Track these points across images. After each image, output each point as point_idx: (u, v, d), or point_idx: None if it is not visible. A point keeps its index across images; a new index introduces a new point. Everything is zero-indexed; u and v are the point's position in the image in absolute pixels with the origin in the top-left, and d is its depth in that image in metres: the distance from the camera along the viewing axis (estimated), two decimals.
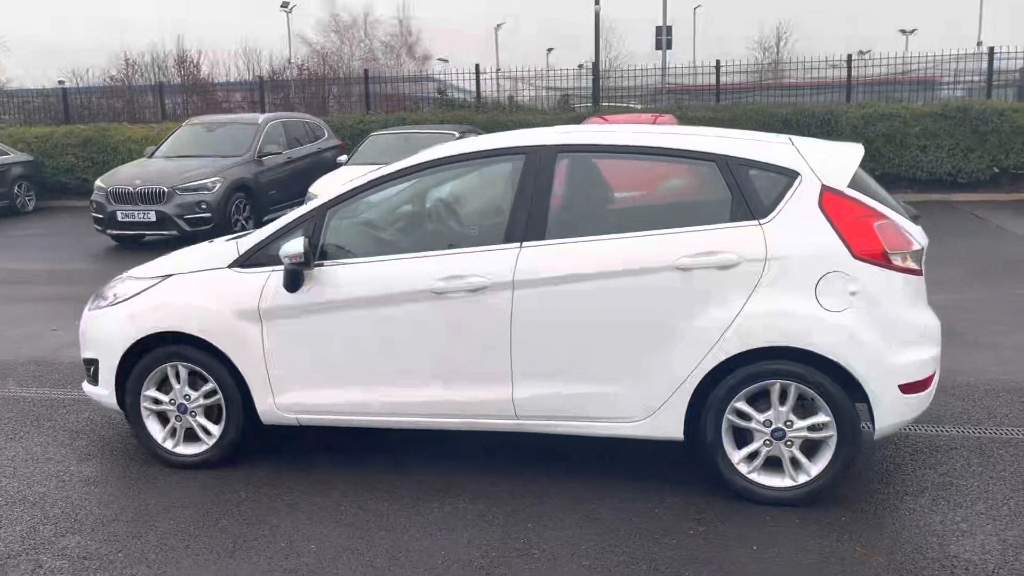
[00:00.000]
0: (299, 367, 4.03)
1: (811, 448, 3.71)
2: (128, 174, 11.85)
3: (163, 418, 4.25)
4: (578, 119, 13.73)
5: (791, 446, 3.69)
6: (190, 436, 4.23)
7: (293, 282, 3.95)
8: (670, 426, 3.75)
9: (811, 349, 3.57)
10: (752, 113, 15.12)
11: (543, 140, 3.97)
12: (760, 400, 3.69)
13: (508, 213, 3.88)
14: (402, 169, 4.07)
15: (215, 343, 4.06)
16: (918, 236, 3.79)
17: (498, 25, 56.37)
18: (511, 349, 3.80)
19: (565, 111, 16.45)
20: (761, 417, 3.68)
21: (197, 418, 4.20)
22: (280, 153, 12.80)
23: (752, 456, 3.73)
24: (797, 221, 3.64)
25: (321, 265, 3.97)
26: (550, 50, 48.37)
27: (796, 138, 4.05)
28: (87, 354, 4.37)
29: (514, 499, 3.81)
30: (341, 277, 3.95)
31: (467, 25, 63.43)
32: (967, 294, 7.60)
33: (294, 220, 4.08)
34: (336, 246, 4.04)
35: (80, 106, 19.90)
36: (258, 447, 4.31)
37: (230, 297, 4.06)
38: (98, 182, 11.79)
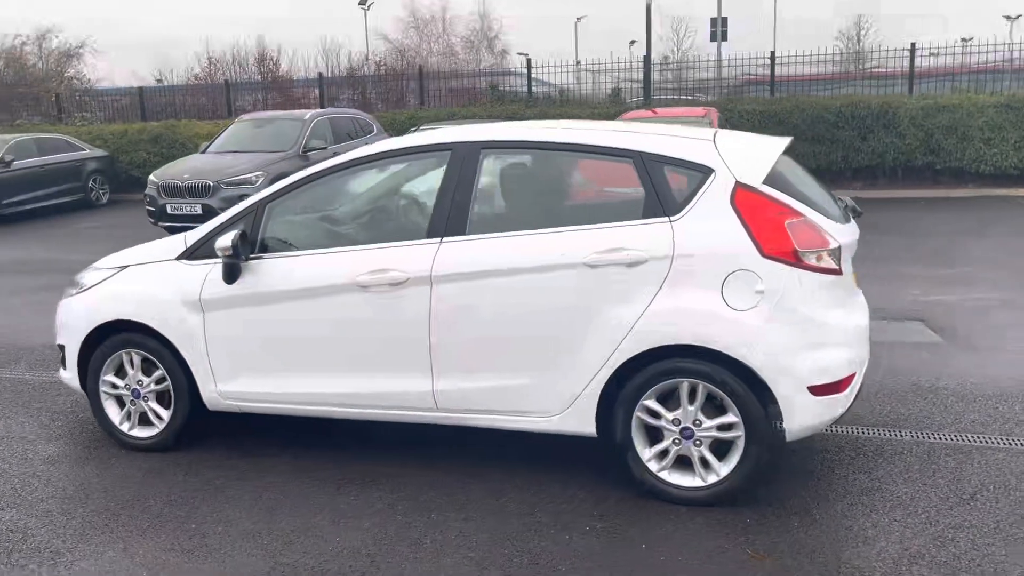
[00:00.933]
0: (237, 356, 4.20)
1: (722, 448, 3.66)
2: (178, 169, 12.39)
3: (120, 402, 4.49)
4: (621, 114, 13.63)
5: (700, 446, 3.65)
6: (144, 420, 4.46)
7: (230, 274, 4.12)
8: (583, 422, 3.76)
9: (715, 348, 3.53)
10: (806, 106, 14.69)
11: (468, 137, 4.02)
12: (671, 398, 3.67)
13: (432, 209, 3.96)
14: (336, 165, 4.19)
15: (163, 332, 4.27)
16: (840, 234, 3.68)
17: (579, 18, 56.27)
18: (431, 343, 3.88)
19: (616, 104, 16.33)
20: (670, 416, 3.65)
21: (149, 403, 4.42)
22: (325, 148, 13.11)
23: (662, 455, 3.71)
24: (707, 218, 3.59)
25: (259, 258, 4.12)
26: (632, 43, 47.93)
27: (723, 132, 4.00)
28: (58, 340, 4.65)
29: (431, 490, 3.88)
30: (273, 270, 4.10)
31: (549, 19, 63.38)
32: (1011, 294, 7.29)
33: (236, 214, 4.24)
34: (274, 240, 4.18)
35: (161, 104, 20.77)
36: (221, 432, 4.52)
37: (176, 288, 4.25)
38: (152, 176, 12.37)
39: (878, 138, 14.28)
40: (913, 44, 15.72)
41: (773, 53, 16.19)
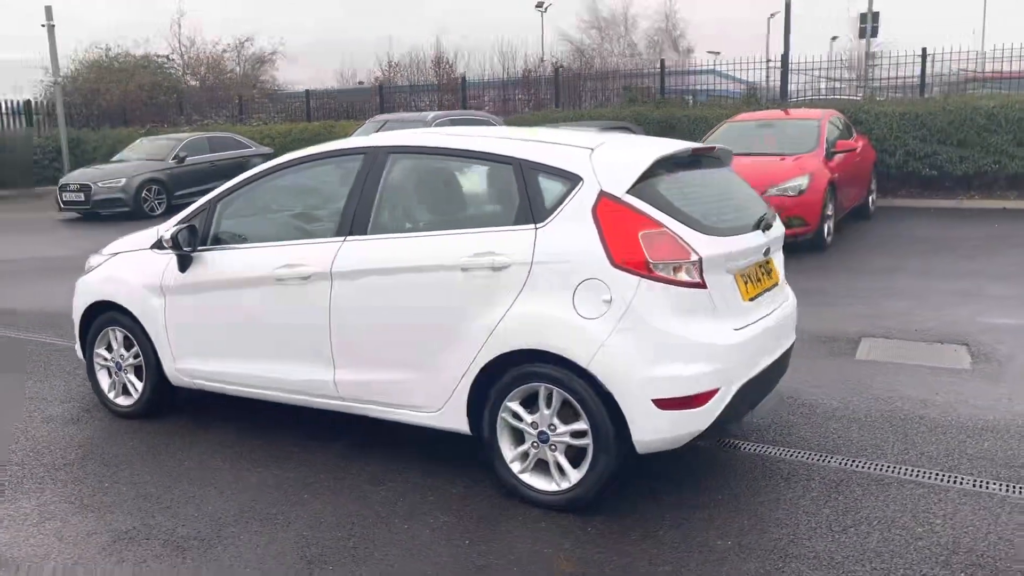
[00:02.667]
0: (187, 338, 4.67)
1: (579, 455, 3.67)
2: None
3: (109, 373, 5.10)
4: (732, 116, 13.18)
5: (555, 450, 3.68)
6: (125, 390, 5.04)
7: (181, 264, 4.60)
8: (457, 420, 3.89)
9: (563, 355, 3.56)
10: (953, 108, 13.53)
11: (379, 142, 4.26)
12: (534, 402, 3.72)
13: (342, 209, 4.23)
14: (274, 166, 4.56)
15: (135, 312, 4.83)
16: (711, 245, 3.58)
17: (771, 15, 54.14)
18: (331, 334, 4.15)
19: (751, 105, 15.79)
20: (529, 419, 3.71)
21: (128, 375, 5.00)
22: None
23: (524, 456, 3.77)
24: (568, 226, 3.62)
25: (206, 250, 4.57)
26: (834, 38, 45.63)
27: (619, 140, 3.99)
28: (73, 315, 5.35)
29: (315, 468, 4.16)
30: (214, 262, 4.53)
31: (740, 17, 61.39)
32: None
33: (195, 209, 4.71)
34: (221, 234, 4.61)
35: (327, 106, 22.35)
36: (200, 406, 5.05)
37: (146, 274, 4.79)
38: None
39: None
40: None
41: (924, 50, 15.01)
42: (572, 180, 3.69)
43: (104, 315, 5.02)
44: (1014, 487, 3.83)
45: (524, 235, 3.69)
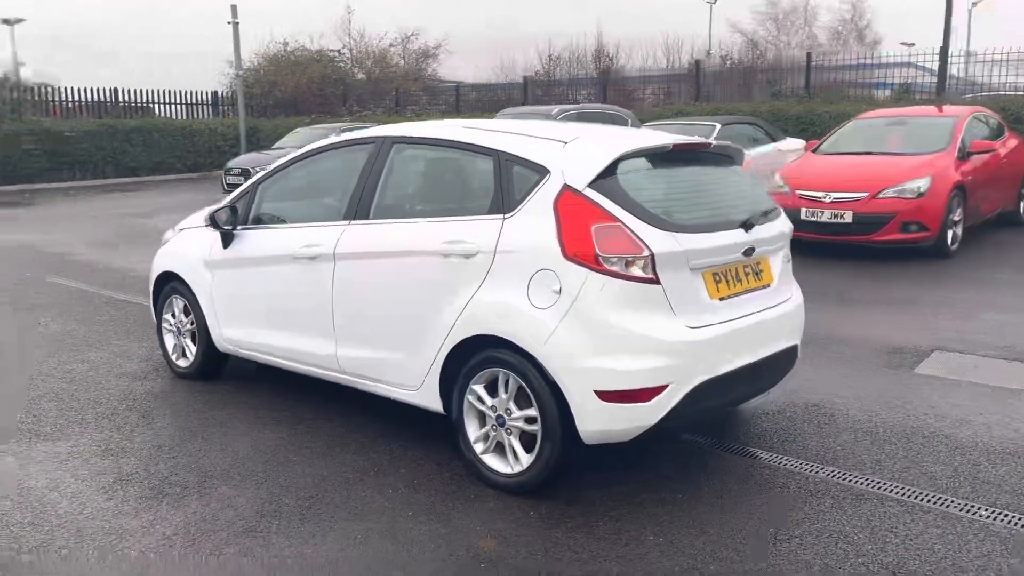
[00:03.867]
0: (227, 308, 5.12)
1: (532, 440, 3.75)
2: None
3: (173, 336, 5.66)
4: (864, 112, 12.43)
5: (511, 434, 3.79)
6: (183, 353, 5.59)
7: (225, 241, 5.05)
8: (432, 398, 4.08)
9: (516, 342, 3.66)
10: None
11: (386, 132, 4.50)
12: (496, 386, 3.85)
13: (351, 194, 4.51)
14: (301, 155, 4.91)
15: (189, 283, 5.34)
16: (668, 242, 3.56)
17: (973, 4, 50.03)
18: (333, 311, 4.45)
19: (901, 100, 14.83)
20: (490, 402, 3.84)
21: (186, 339, 5.53)
22: None
23: (486, 438, 3.90)
24: (532, 217, 3.71)
25: (245, 229, 4.99)
26: None
27: (596, 131, 4.02)
28: (149, 284, 5.97)
29: (342, 434, 4.47)
30: (250, 240, 4.94)
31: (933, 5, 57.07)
32: None
33: (241, 191, 5.15)
34: (260, 214, 5.02)
35: (472, 98, 22.97)
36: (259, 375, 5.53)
37: (199, 249, 5.29)
38: None
39: None
40: None
41: None
42: (541, 172, 3.77)
43: (169, 284, 5.57)
44: (1007, 515, 3.56)
45: (493, 224, 3.81)
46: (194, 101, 25.84)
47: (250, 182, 5.12)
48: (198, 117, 25.64)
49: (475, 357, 3.85)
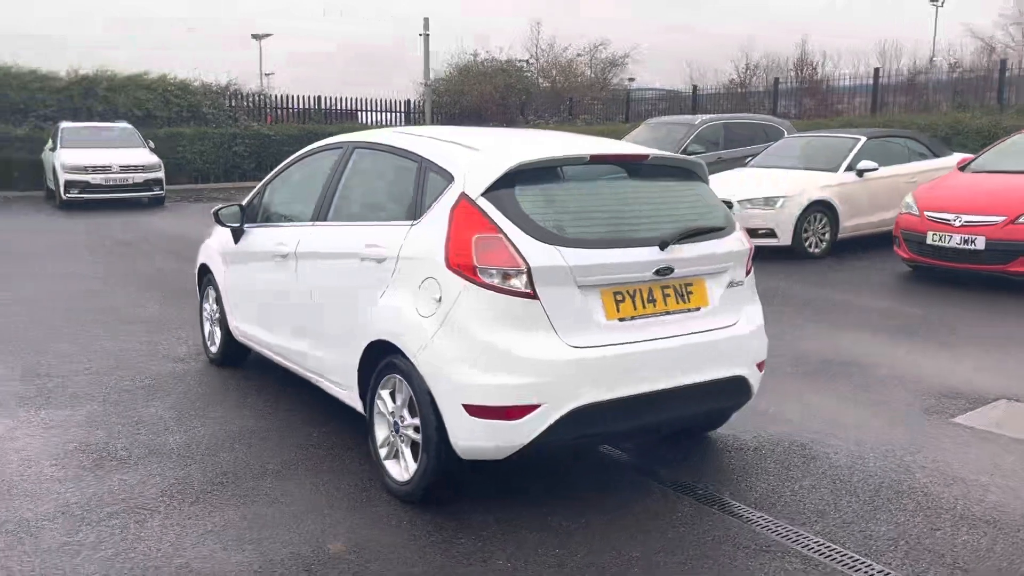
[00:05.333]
0: (235, 301, 5.47)
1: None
2: None
3: (208, 324, 6.11)
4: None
5: (403, 442, 3.77)
6: (214, 339, 6.01)
7: (234, 237, 5.39)
8: (356, 399, 4.15)
9: (401, 348, 3.65)
10: None
11: (351, 138, 4.63)
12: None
13: (318, 196, 4.67)
14: (296, 157, 5.15)
15: (214, 275, 5.75)
16: (555, 258, 3.40)
17: None
18: (296, 309, 4.63)
19: None
20: (390, 407, 3.85)
21: (215, 327, 5.95)
22: (704, 152, 13.32)
23: (388, 443, 3.90)
24: (431, 224, 3.68)
25: (250, 227, 5.30)
26: None
27: (517, 139, 3.91)
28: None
29: (322, 421, 4.66)
30: (250, 237, 5.24)
31: None
32: None
33: (255, 190, 5.46)
34: (263, 212, 5.31)
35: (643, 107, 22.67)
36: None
37: (221, 243, 5.68)
38: None
39: None
40: None
41: None
42: (448, 180, 3.73)
43: (206, 276, 6.02)
44: None
45: (401, 230, 3.82)
46: (390, 109, 27.43)
47: (263, 181, 5.43)
48: (392, 124, 27.15)
49: (382, 361, 3.86)
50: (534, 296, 3.40)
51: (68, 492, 3.82)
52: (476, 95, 26.99)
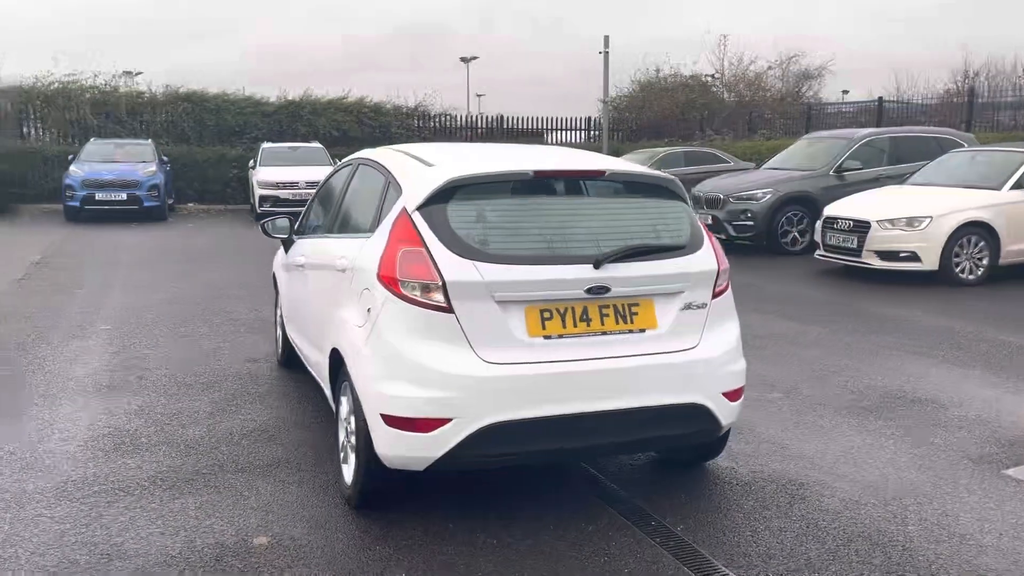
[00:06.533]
0: (284, 306, 5.85)
1: None
2: (712, 183, 13.52)
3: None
4: None
5: (351, 448, 3.88)
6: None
7: (285, 247, 5.78)
8: (332, 404, 4.33)
9: (343, 356, 3.78)
10: None
11: (361, 155, 4.82)
12: None
13: (331, 209, 4.92)
14: (332, 171, 5.43)
15: (278, 282, 6.19)
16: (471, 273, 3.40)
17: None
18: (306, 314, 4.91)
19: None
20: (343, 413, 3.98)
21: (279, 331, 6.36)
22: (861, 169, 12.43)
23: (343, 448, 4.03)
24: (377, 237, 3.79)
25: (298, 237, 5.66)
26: None
27: (474, 154, 3.93)
28: None
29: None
30: (294, 247, 5.59)
31: None
32: None
33: (307, 204, 5.82)
34: (304, 225, 5.63)
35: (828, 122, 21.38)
36: None
37: (280, 254, 6.10)
38: (695, 188, 13.78)
39: None
40: None
41: None
42: (399, 194, 3.82)
43: (276, 283, 6.48)
44: None
45: (359, 242, 3.96)
46: (570, 127, 27.77)
47: (312, 196, 5.78)
48: (575, 141, 27.48)
49: (341, 367, 4.01)
50: (449, 310, 3.41)
51: (73, 470, 4.28)
52: (656, 111, 26.70)
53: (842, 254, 10.31)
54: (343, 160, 5.32)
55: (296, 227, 5.66)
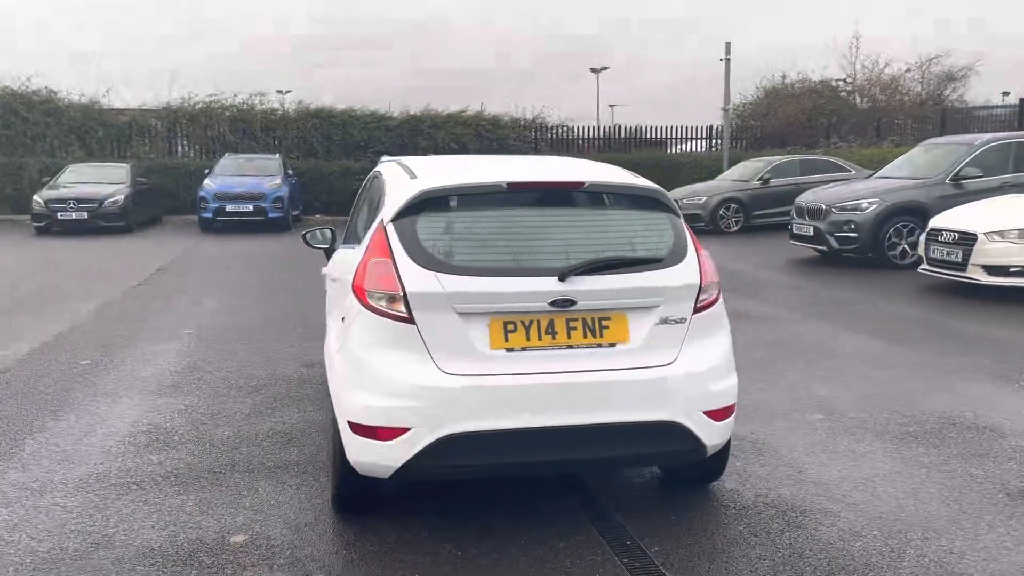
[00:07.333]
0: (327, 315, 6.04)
1: None
2: (815, 193, 12.94)
3: None
4: None
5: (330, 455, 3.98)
6: None
7: (328, 256, 5.97)
8: None
9: (327, 363, 3.88)
10: None
11: (380, 165, 4.92)
12: None
13: (356, 219, 5.05)
14: (365, 181, 5.56)
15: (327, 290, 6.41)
16: (432, 284, 3.42)
17: None
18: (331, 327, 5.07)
19: None
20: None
21: None
22: (980, 177, 11.57)
23: None
24: (360, 248, 3.89)
25: (339, 247, 5.84)
26: None
27: (462, 166, 3.96)
28: None
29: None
30: (333, 257, 5.77)
31: None
32: None
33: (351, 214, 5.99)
34: (343, 235, 5.80)
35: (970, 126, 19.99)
36: None
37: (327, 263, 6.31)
38: (798, 199, 13.21)
39: None
40: None
41: None
42: (383, 206, 3.90)
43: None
44: None
45: (349, 255, 4.07)
46: (691, 136, 27.25)
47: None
48: (696, 150, 26.95)
49: None
50: (411, 320, 3.44)
51: (102, 464, 4.58)
52: (781, 118, 25.77)
53: (946, 268, 9.63)
54: (371, 174, 5.46)
55: (339, 236, 5.84)
